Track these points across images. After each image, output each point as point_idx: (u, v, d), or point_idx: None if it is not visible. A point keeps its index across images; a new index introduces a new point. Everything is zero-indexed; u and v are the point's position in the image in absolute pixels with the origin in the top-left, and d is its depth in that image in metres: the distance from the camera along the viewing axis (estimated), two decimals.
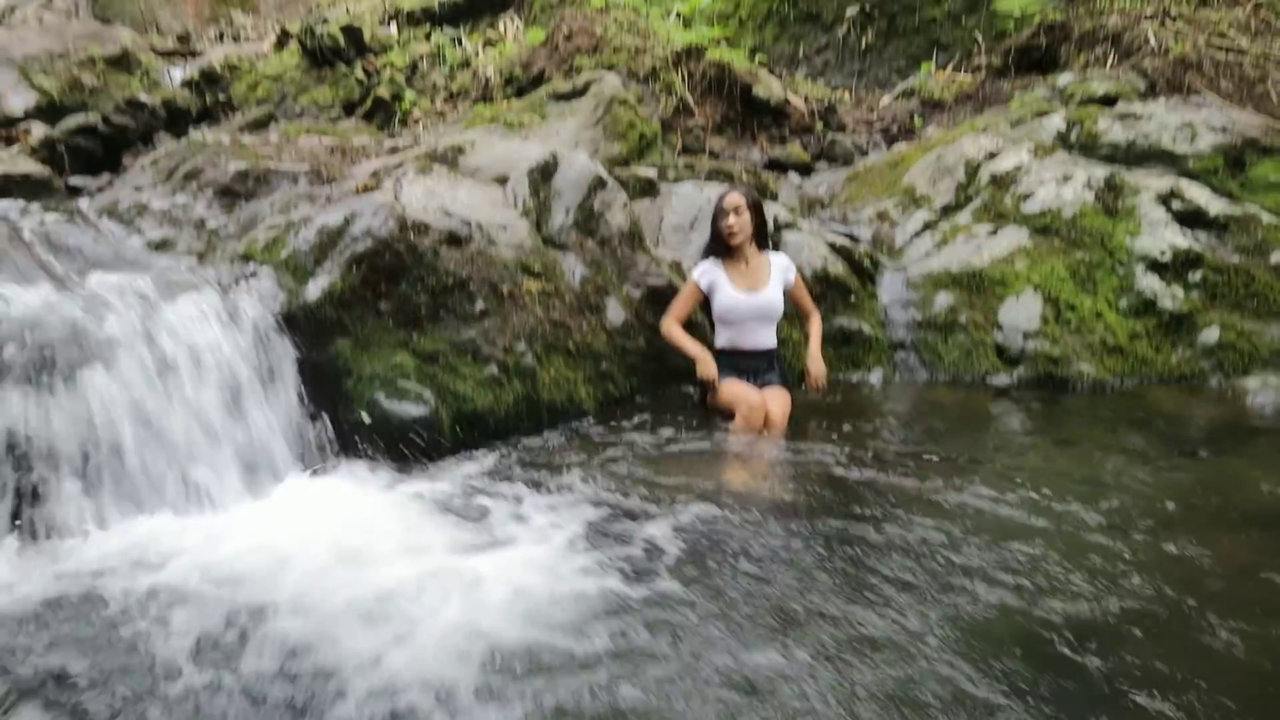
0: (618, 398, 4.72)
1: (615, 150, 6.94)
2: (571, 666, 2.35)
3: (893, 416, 4.75)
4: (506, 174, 5.10)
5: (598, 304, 4.80)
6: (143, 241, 5.05)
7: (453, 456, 3.99)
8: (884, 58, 8.96)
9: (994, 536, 3.12)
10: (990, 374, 5.28)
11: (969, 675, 2.29)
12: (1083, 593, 2.72)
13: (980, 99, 7.88)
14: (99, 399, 3.45)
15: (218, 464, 3.60)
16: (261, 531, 3.26)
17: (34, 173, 5.89)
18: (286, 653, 2.42)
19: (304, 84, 10.32)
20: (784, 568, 2.91)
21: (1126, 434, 4.46)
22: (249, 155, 5.49)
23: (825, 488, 3.61)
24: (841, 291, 5.43)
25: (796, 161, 7.53)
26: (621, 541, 3.10)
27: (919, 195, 6.44)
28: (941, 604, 2.66)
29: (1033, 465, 3.95)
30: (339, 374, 4.06)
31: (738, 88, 8.05)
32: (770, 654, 2.40)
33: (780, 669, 2.33)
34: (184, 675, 2.35)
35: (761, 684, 2.26)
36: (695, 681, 2.27)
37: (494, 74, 9.11)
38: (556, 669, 2.33)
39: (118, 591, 2.82)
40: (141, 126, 7.41)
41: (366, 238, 4.32)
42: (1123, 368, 5.27)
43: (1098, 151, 6.27)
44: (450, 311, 4.34)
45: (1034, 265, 5.61)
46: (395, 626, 2.54)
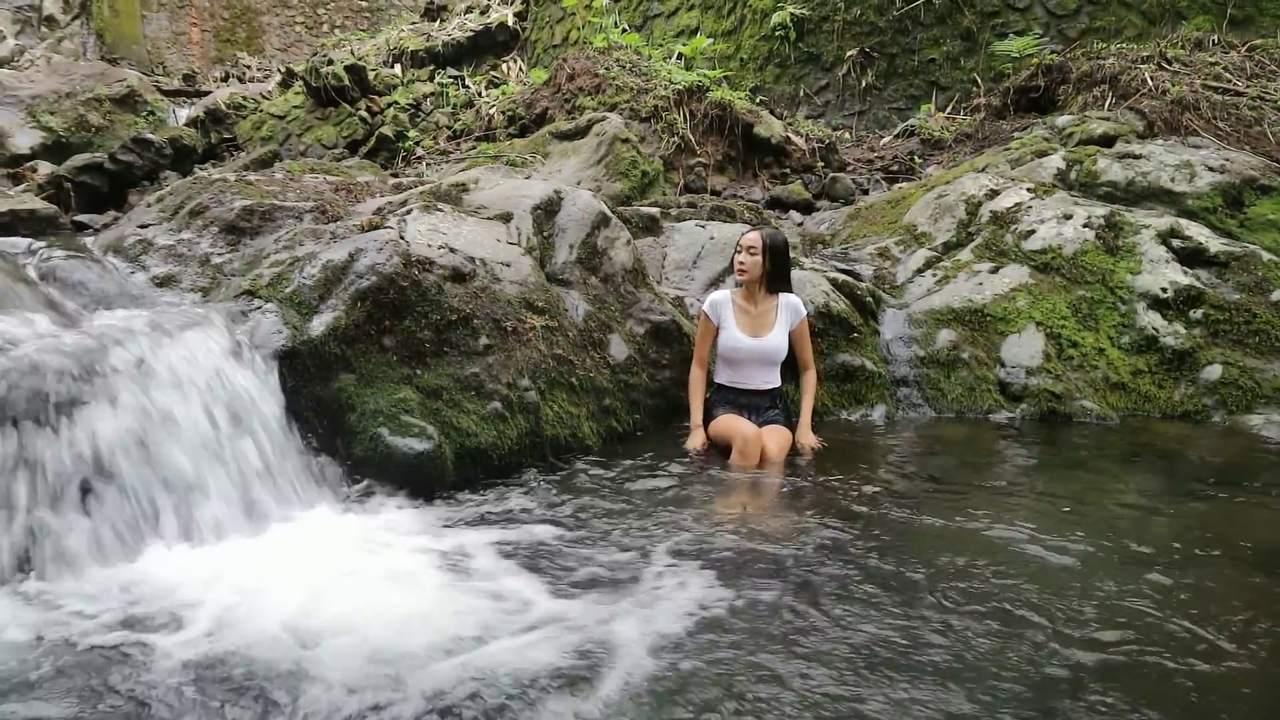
0: (621, 434, 4.71)
1: (617, 188, 7.00)
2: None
3: (896, 452, 4.74)
4: (510, 211, 5.13)
5: (601, 340, 4.81)
6: (147, 277, 5.07)
7: (456, 492, 3.97)
8: (883, 98, 9.06)
9: (995, 571, 3.10)
10: (993, 410, 5.28)
11: (967, 710, 2.26)
12: (1086, 626, 2.70)
13: (979, 139, 7.97)
14: (101, 435, 3.43)
15: (219, 500, 3.57)
16: (261, 568, 3.23)
17: (40, 210, 5.92)
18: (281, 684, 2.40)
19: (308, 123, 10.44)
20: (786, 600, 2.89)
21: (1131, 470, 4.45)
22: (254, 192, 5.54)
23: (829, 522, 3.59)
24: (844, 328, 5.44)
25: (797, 200, 7.59)
26: (625, 577, 3.08)
27: (920, 233, 6.48)
28: (938, 637, 2.64)
29: (1036, 500, 3.94)
30: (342, 409, 4.05)
31: (739, 127, 8.15)
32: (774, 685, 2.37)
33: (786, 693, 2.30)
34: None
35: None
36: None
37: (497, 113, 9.22)
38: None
39: (115, 631, 2.79)
40: (148, 164, 7.47)
41: (371, 274, 4.33)
42: (1126, 404, 5.27)
43: (1097, 190, 6.32)
44: (454, 347, 4.34)
45: (1036, 302, 5.63)
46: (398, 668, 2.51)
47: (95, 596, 3.01)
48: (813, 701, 2.33)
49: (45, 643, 2.69)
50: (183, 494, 3.46)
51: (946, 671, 2.47)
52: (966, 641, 2.62)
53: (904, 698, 2.33)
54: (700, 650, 2.59)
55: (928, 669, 2.48)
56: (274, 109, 10.75)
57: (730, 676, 2.45)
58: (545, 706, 2.30)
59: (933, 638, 2.65)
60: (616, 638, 2.66)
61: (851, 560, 3.23)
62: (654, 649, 2.59)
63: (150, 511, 3.36)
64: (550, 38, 11.68)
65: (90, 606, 2.94)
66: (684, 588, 3.01)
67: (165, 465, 3.49)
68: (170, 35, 17.83)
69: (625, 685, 2.40)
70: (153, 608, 2.90)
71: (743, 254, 4.68)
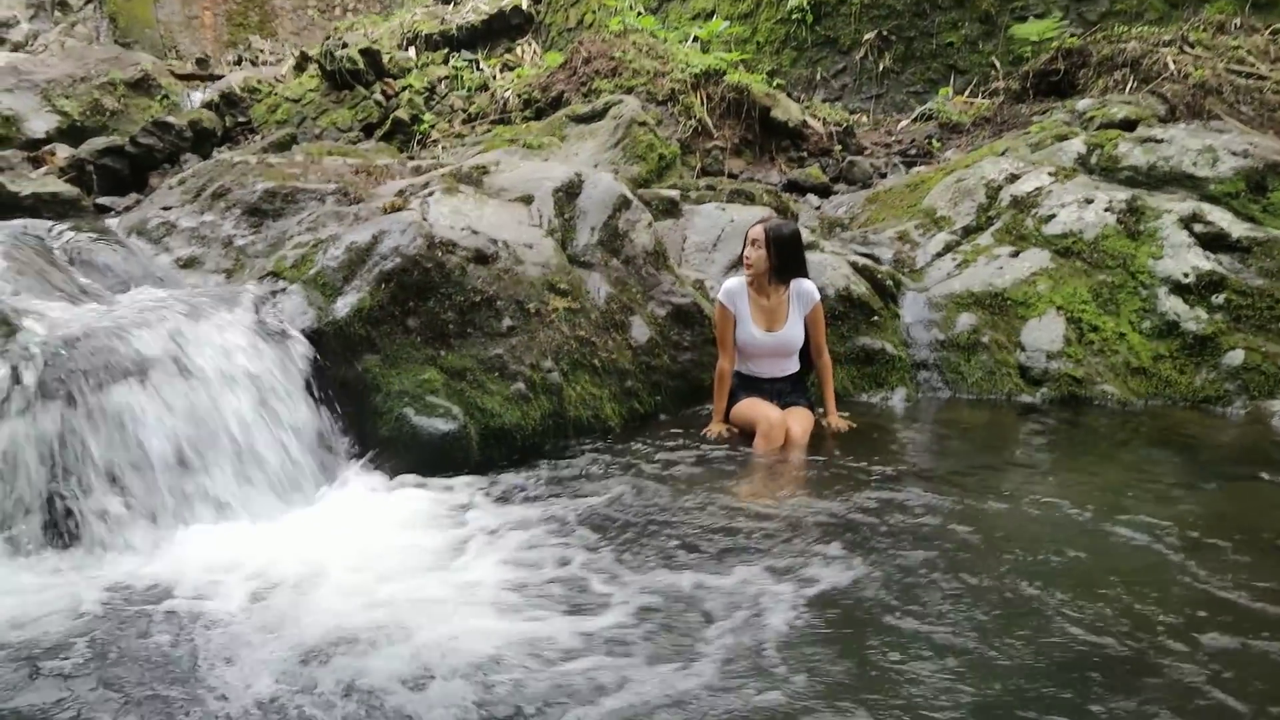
0: (643, 415, 4.72)
1: (635, 171, 6.99)
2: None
3: (916, 435, 4.75)
4: (531, 193, 5.14)
5: (623, 322, 4.82)
6: (171, 259, 5.11)
7: (481, 471, 4.00)
8: (901, 82, 9.01)
9: (1017, 553, 3.12)
10: (1013, 394, 5.28)
11: (993, 689, 2.28)
12: (1107, 610, 2.70)
13: (998, 123, 7.92)
14: (131, 414, 3.47)
15: (247, 478, 3.61)
16: (288, 545, 3.27)
17: (63, 193, 5.97)
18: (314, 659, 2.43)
19: (323, 106, 10.42)
20: (808, 578, 2.91)
21: (1152, 454, 4.45)
22: (275, 175, 5.55)
23: (851, 503, 3.60)
24: (864, 311, 5.43)
25: (815, 183, 7.57)
26: (651, 553, 3.10)
27: (939, 217, 6.45)
28: (963, 619, 2.65)
29: (1057, 483, 3.94)
30: (368, 390, 4.08)
31: (756, 110, 8.11)
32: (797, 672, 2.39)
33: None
34: (212, 683, 2.35)
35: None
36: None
37: (512, 96, 9.19)
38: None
39: (146, 604, 2.83)
40: (168, 147, 7.50)
41: (395, 255, 4.35)
42: (1147, 389, 5.26)
43: (1118, 175, 6.28)
44: (478, 328, 4.36)
45: (1056, 287, 5.62)
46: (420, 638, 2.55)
47: (133, 569, 3.06)
48: (835, 680, 2.35)
49: (90, 611, 2.74)
50: (213, 472, 3.49)
51: (955, 648, 2.49)
52: (973, 620, 2.64)
53: (913, 675, 2.35)
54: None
55: (939, 645, 2.50)
56: (289, 93, 10.74)
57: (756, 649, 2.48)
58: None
59: (943, 611, 2.69)
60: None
61: (872, 541, 3.24)
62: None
63: (183, 490, 3.40)
64: (565, 21, 11.64)
65: (129, 578, 2.99)
66: (712, 567, 3.04)
67: (196, 445, 3.53)
68: (183, 19, 17.80)
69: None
70: (190, 580, 2.94)
71: (748, 248, 4.62)
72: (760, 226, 4.64)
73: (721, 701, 2.25)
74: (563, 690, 2.30)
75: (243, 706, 2.26)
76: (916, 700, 2.25)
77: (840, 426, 4.65)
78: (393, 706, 2.24)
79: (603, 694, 2.29)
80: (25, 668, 2.44)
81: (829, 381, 4.82)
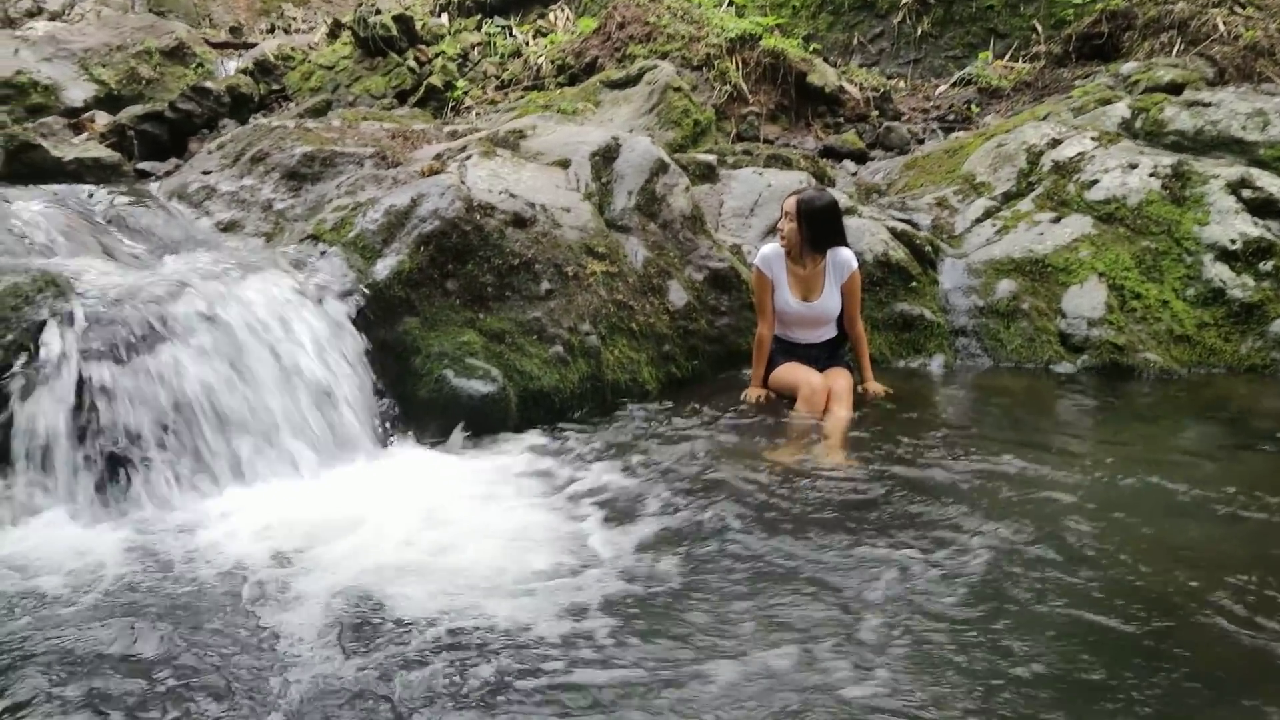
0: (680, 380, 4.72)
1: (670, 137, 6.94)
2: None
3: (955, 401, 4.72)
4: (568, 158, 5.13)
5: (660, 286, 4.81)
6: (211, 223, 5.15)
7: (519, 433, 4.02)
8: (940, 46, 8.87)
9: (1058, 518, 3.10)
10: (1053, 361, 5.22)
11: (1037, 654, 2.28)
12: (1151, 576, 2.69)
13: (1039, 87, 7.79)
14: (176, 375, 3.52)
15: (290, 437, 3.65)
16: (333, 502, 3.32)
17: (105, 158, 6.03)
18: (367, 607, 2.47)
19: (357, 73, 10.43)
20: (845, 541, 2.91)
21: (1195, 423, 4.40)
22: (314, 139, 5.57)
23: (890, 469, 3.60)
24: (903, 277, 5.39)
25: (852, 149, 7.49)
26: (695, 516, 3.12)
27: (979, 182, 6.37)
28: (1006, 582, 2.65)
29: (1099, 450, 3.91)
30: (407, 351, 4.11)
31: (792, 75, 8.02)
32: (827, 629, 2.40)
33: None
34: (260, 628, 2.39)
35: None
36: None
37: (545, 62, 9.14)
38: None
39: (192, 557, 2.89)
40: (206, 112, 7.54)
41: (434, 218, 4.36)
42: (1190, 357, 5.18)
43: (1164, 139, 6.16)
44: (516, 291, 4.37)
45: (1098, 253, 5.53)
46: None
47: (180, 524, 3.12)
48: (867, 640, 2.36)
49: (136, 563, 2.80)
50: (258, 433, 3.55)
51: (991, 613, 2.49)
52: (1021, 587, 2.63)
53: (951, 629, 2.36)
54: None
55: (973, 606, 2.50)
56: (322, 60, 10.75)
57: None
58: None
59: (980, 574, 2.69)
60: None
61: (910, 504, 3.24)
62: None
63: (228, 448, 3.45)
64: None
65: (176, 533, 3.05)
66: (742, 528, 3.05)
67: (239, 405, 3.58)
68: None
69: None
70: (237, 533, 2.99)
71: (782, 220, 4.57)
72: (793, 199, 4.56)
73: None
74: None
75: (292, 647, 2.31)
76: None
77: (878, 391, 4.63)
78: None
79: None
80: (74, 617, 2.49)
81: (864, 352, 4.78)
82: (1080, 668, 2.23)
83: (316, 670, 2.22)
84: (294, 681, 2.18)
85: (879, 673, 2.19)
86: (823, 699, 2.10)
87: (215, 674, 2.22)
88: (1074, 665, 2.24)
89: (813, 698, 2.10)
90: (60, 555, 2.86)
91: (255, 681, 2.19)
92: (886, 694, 2.11)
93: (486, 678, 2.17)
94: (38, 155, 5.88)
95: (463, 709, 2.07)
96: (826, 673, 2.20)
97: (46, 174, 5.82)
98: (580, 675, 2.18)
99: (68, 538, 2.99)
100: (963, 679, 2.17)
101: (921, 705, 2.07)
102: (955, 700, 2.09)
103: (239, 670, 2.23)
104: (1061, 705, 2.08)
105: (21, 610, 2.51)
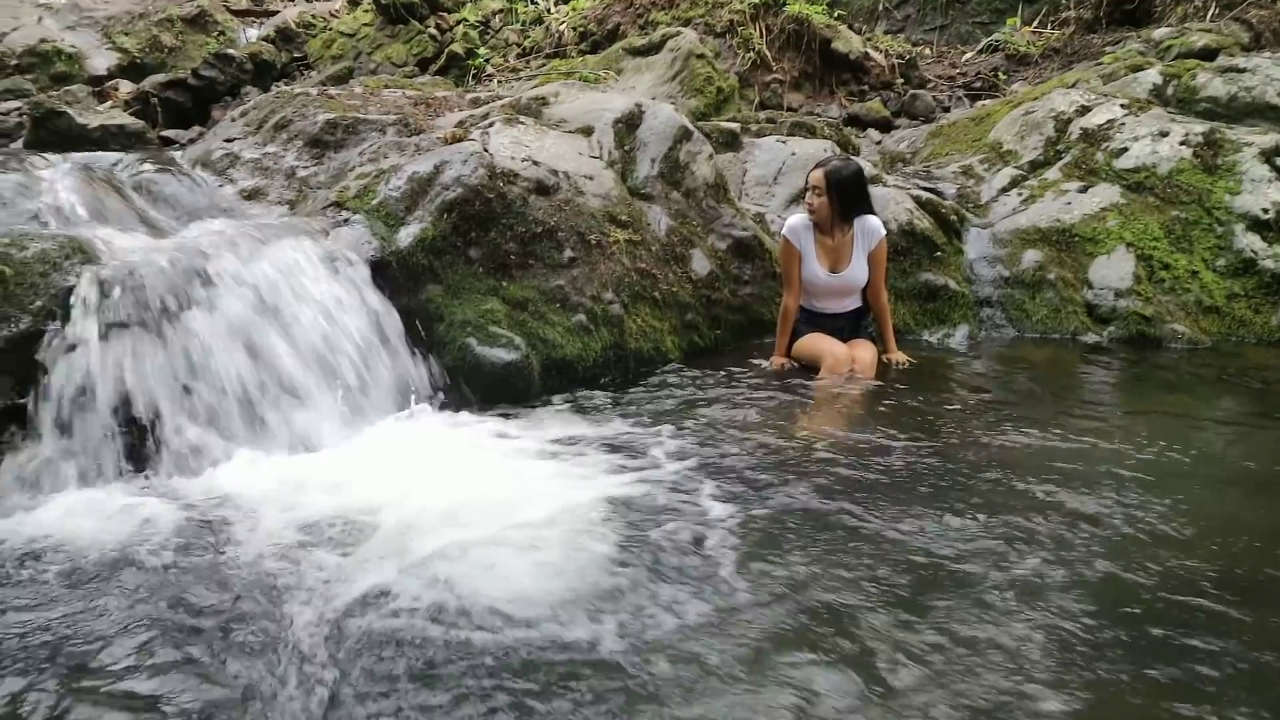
0: (703, 348, 4.71)
1: (692, 105, 6.89)
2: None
3: (979, 371, 4.69)
4: (591, 125, 5.10)
5: (683, 255, 4.79)
6: (235, 190, 5.16)
7: (542, 401, 4.03)
8: (967, 11, 8.74)
9: (1085, 488, 3.07)
10: (1079, 332, 5.17)
11: (1069, 626, 2.27)
12: (1178, 549, 2.66)
13: (1068, 54, 7.67)
14: (203, 342, 3.53)
15: (316, 405, 3.67)
16: (359, 468, 3.34)
17: (129, 125, 6.05)
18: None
19: (378, 41, 10.40)
20: (879, 507, 2.91)
21: (1224, 395, 4.35)
22: (336, 106, 5.56)
23: (913, 437, 3.57)
24: (927, 246, 5.34)
25: (876, 117, 7.41)
26: (728, 479, 3.12)
27: (1005, 151, 6.29)
28: (1032, 553, 2.63)
29: (1126, 420, 3.88)
30: (431, 319, 4.12)
31: (816, 42, 7.94)
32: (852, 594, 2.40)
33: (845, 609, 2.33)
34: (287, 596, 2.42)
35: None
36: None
37: (567, 29, 9.09)
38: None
39: (220, 522, 2.91)
40: (229, 80, 7.55)
41: (457, 185, 4.35)
42: (1219, 328, 5.13)
43: (1196, 106, 6.06)
44: (539, 259, 4.36)
45: (1127, 223, 5.46)
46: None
47: (207, 490, 3.14)
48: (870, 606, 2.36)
49: (163, 530, 2.83)
50: (284, 399, 3.57)
51: (1003, 583, 2.48)
52: (1048, 557, 2.61)
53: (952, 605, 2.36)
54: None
55: (987, 581, 2.49)
56: (344, 27, 10.72)
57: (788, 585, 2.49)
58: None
59: (993, 547, 2.67)
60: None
61: (929, 472, 3.23)
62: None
63: (255, 414, 3.48)
64: None
65: (203, 499, 3.07)
66: (759, 492, 3.06)
67: (264, 371, 3.59)
68: None
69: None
70: (264, 500, 3.02)
71: (809, 194, 4.53)
72: (820, 171, 4.51)
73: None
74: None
75: (318, 613, 2.33)
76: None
77: (901, 360, 4.61)
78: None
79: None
80: (99, 582, 2.52)
81: (887, 321, 4.75)
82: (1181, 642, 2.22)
83: (347, 628, 2.25)
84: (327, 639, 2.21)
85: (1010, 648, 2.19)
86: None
87: (256, 638, 2.25)
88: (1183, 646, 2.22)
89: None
90: (90, 522, 2.87)
91: (294, 641, 2.21)
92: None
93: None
94: (63, 123, 5.91)
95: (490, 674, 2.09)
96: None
97: (72, 141, 5.85)
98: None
99: (97, 504, 3.01)
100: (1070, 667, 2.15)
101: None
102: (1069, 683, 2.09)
103: (279, 634, 2.26)
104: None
105: (55, 579, 2.54)
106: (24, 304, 3.33)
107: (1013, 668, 2.09)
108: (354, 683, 2.05)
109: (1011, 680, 2.04)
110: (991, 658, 2.12)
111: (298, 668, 2.11)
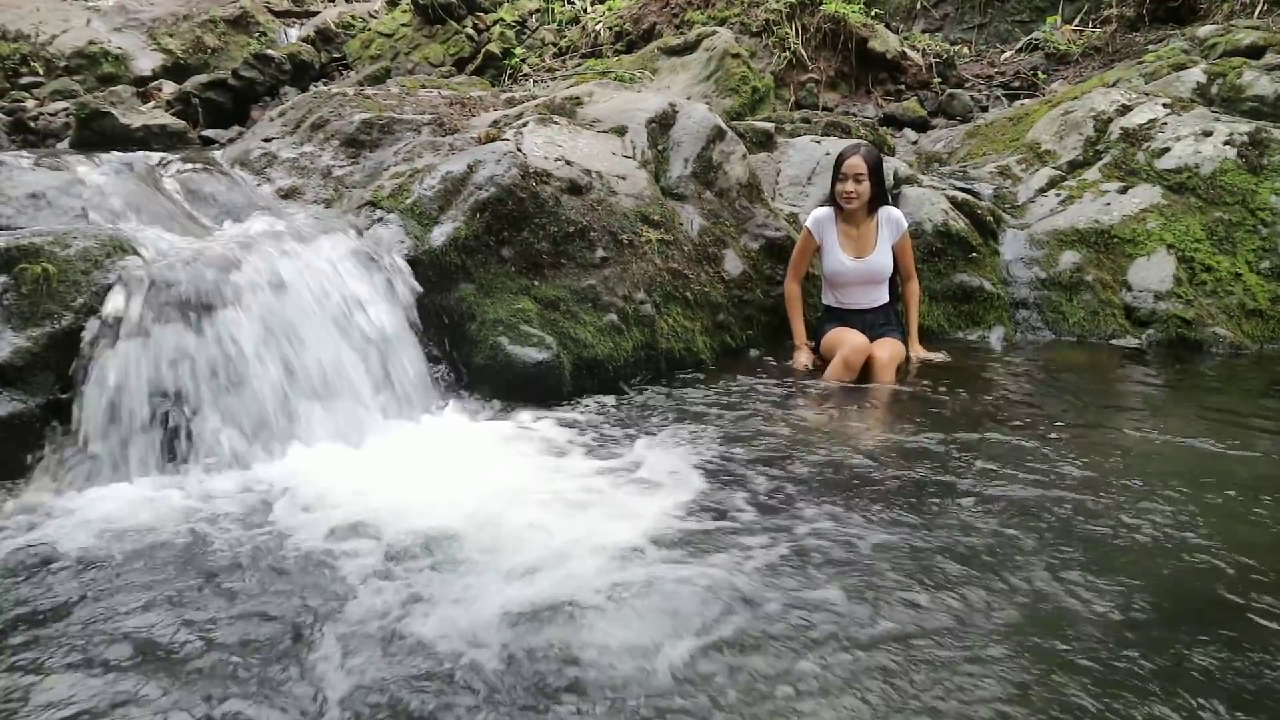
0: (735, 350, 4.70)
1: (727, 104, 6.88)
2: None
3: (1012, 374, 4.63)
4: (625, 125, 5.10)
5: (715, 255, 4.78)
6: (273, 189, 5.22)
7: (573, 401, 4.04)
8: (1006, 10, 8.64)
9: (1122, 494, 3.02)
10: (1117, 335, 5.10)
11: (1096, 635, 2.24)
12: (1215, 556, 2.61)
13: (1109, 52, 7.55)
14: (240, 338, 3.58)
15: (352, 401, 3.71)
16: (390, 463, 3.37)
17: (171, 125, 6.15)
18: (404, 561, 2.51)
19: (416, 41, 10.49)
20: (897, 510, 2.88)
21: (1263, 400, 4.26)
22: (372, 106, 5.62)
23: (929, 439, 3.54)
24: (963, 248, 5.29)
25: (913, 117, 7.35)
26: (746, 486, 3.11)
27: (1043, 151, 6.21)
28: (1065, 561, 2.60)
29: (1164, 425, 3.80)
30: (463, 318, 4.14)
31: (853, 41, 7.89)
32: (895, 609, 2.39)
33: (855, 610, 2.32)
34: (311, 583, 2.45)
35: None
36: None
37: (603, 29, 9.10)
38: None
39: (251, 515, 2.95)
40: (268, 80, 7.65)
41: (490, 185, 4.38)
42: (1263, 332, 5.03)
43: (1241, 106, 5.95)
44: (571, 259, 4.37)
45: (1168, 224, 5.38)
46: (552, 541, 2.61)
47: (240, 484, 3.19)
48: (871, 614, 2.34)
49: (195, 522, 2.87)
50: (319, 395, 3.60)
51: (1020, 592, 2.45)
52: (1083, 564, 2.58)
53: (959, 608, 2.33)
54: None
55: (997, 590, 2.46)
56: (382, 28, 10.83)
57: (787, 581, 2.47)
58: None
59: (999, 555, 2.63)
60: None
61: (940, 477, 3.19)
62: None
63: (289, 409, 3.52)
64: None
65: (236, 493, 3.11)
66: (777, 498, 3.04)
67: (300, 369, 3.63)
68: None
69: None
70: (295, 493, 3.05)
71: (849, 183, 4.53)
72: (859, 158, 4.55)
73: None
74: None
75: (340, 598, 2.36)
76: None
77: (922, 356, 4.59)
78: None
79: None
80: (133, 572, 2.56)
81: (915, 307, 4.78)
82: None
83: (379, 622, 2.27)
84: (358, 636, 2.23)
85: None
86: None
87: (292, 629, 2.28)
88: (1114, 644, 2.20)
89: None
90: (128, 517, 2.92)
91: (324, 633, 2.24)
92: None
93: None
94: (107, 123, 6.03)
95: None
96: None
97: (116, 141, 5.97)
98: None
99: (135, 500, 3.05)
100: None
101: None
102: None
103: (319, 624, 2.29)
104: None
105: (96, 572, 2.59)
106: (66, 301, 3.39)
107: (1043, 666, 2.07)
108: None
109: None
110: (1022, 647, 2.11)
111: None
